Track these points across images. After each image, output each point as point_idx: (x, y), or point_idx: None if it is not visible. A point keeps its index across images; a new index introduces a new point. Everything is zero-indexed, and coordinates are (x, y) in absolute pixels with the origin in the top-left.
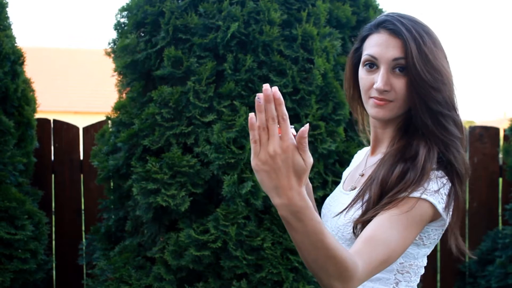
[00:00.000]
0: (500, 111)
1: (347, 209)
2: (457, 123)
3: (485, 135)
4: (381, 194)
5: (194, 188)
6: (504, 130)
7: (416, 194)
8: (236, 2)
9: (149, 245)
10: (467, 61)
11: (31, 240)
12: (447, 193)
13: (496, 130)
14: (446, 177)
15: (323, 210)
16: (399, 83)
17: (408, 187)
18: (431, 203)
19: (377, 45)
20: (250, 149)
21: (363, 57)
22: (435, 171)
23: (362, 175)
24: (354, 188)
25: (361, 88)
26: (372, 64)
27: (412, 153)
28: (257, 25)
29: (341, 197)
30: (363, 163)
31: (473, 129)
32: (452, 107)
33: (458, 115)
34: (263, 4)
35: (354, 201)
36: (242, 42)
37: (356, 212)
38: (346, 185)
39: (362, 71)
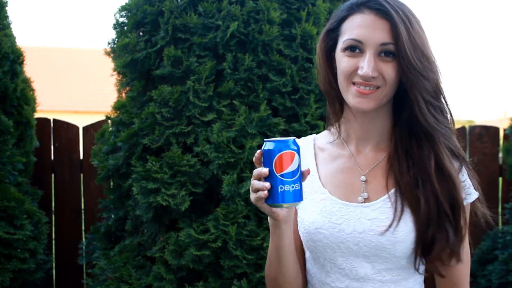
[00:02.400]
0: (500, 110)
1: (393, 225)
2: (444, 113)
3: (485, 135)
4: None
5: (194, 187)
6: (504, 130)
7: (470, 198)
8: (236, 1)
9: (149, 244)
10: (467, 60)
11: (30, 239)
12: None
13: (496, 129)
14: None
15: (330, 230)
16: (388, 68)
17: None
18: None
19: (361, 27)
20: (249, 148)
21: (344, 42)
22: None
23: (366, 181)
24: (367, 198)
25: (339, 73)
26: (355, 48)
27: (432, 162)
28: (256, 25)
29: (354, 210)
30: (349, 165)
31: (473, 128)
32: (440, 96)
33: (446, 104)
34: (263, 4)
35: (399, 217)
36: (241, 42)
37: (406, 227)
38: (343, 194)
39: (341, 56)
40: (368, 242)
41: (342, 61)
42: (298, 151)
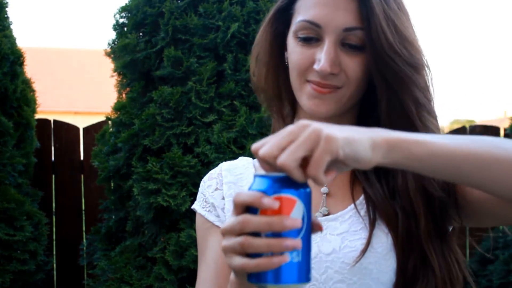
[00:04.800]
0: (501, 110)
1: (369, 243)
2: (433, 116)
3: (485, 134)
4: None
5: (194, 188)
6: (505, 129)
7: None
8: (236, 2)
9: (150, 245)
10: (467, 60)
11: (30, 241)
12: None
13: (497, 129)
14: None
15: None
16: (352, 63)
17: None
18: None
19: (319, 5)
20: (250, 149)
21: (297, 24)
22: None
23: (328, 194)
24: (328, 214)
25: (291, 68)
26: (310, 36)
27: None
28: (257, 25)
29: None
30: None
31: (473, 128)
32: (430, 96)
33: (433, 106)
34: (263, 4)
35: (373, 224)
36: (242, 42)
37: (387, 238)
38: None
39: (293, 44)
40: (341, 266)
41: (294, 51)
42: (304, 197)
